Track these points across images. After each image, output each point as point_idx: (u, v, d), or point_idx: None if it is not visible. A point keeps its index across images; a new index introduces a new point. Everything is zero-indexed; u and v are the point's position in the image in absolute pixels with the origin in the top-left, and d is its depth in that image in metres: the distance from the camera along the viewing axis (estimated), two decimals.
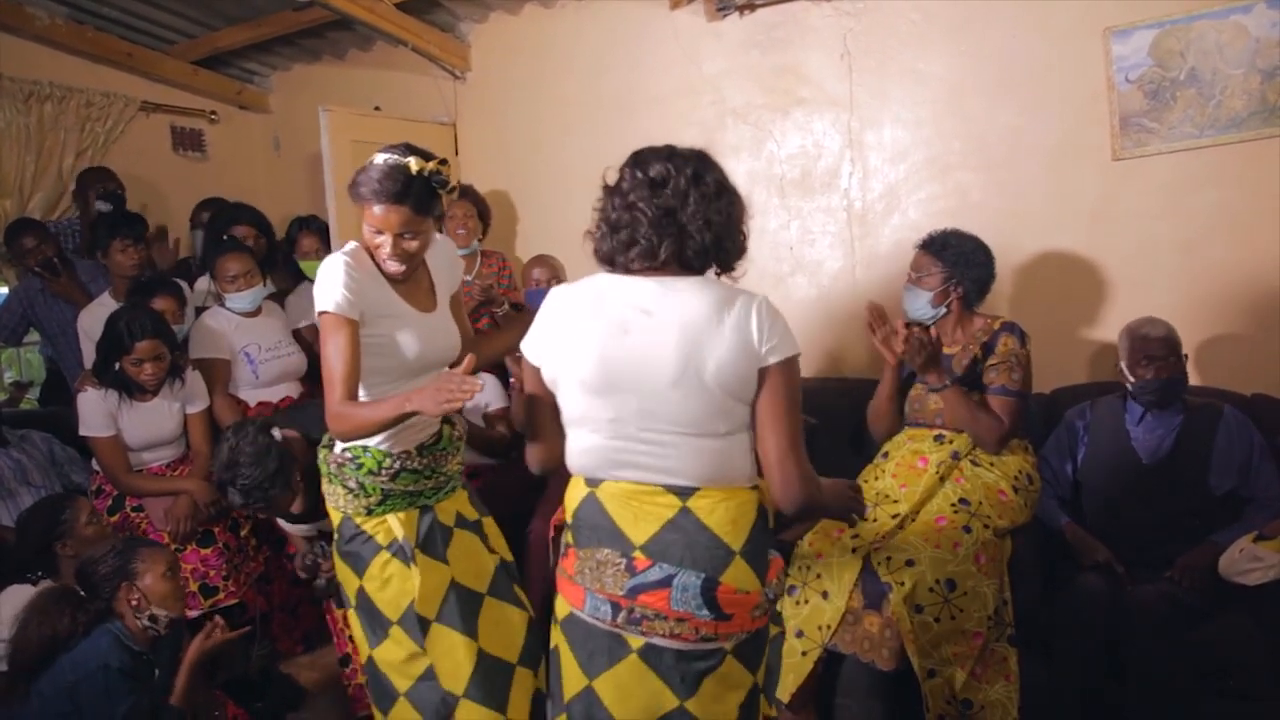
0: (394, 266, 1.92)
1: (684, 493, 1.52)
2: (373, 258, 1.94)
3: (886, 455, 2.66)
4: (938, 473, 2.52)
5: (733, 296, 1.52)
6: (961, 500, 2.45)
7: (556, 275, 3.26)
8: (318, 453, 2.06)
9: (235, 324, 3.31)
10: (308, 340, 3.60)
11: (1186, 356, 2.56)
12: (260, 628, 3.25)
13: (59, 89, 4.00)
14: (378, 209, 1.85)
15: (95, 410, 2.93)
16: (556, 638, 1.66)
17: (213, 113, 4.78)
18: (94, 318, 3.11)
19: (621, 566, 1.51)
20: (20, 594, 2.46)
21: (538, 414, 1.68)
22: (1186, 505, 2.51)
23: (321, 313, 1.82)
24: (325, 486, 2.01)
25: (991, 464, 2.53)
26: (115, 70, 4.29)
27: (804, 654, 2.33)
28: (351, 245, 1.94)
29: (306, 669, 3.26)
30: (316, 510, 2.42)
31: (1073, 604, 2.40)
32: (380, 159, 1.87)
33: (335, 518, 2.02)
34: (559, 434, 1.65)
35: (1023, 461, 2.58)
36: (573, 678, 1.59)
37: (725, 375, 1.48)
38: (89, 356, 3.12)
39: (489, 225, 3.92)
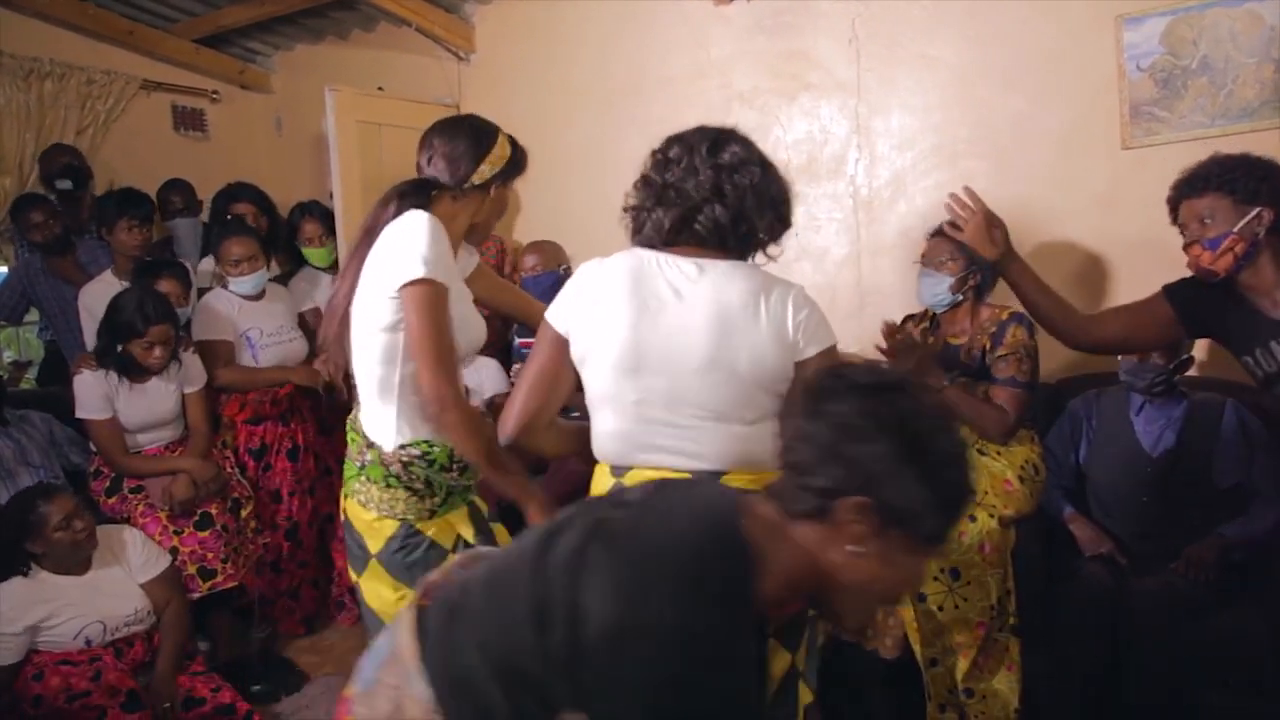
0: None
1: (713, 476, 1.48)
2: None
3: None
4: None
5: (770, 285, 1.51)
6: None
7: (548, 262, 3.24)
8: (363, 453, 1.76)
9: (238, 307, 3.30)
10: (311, 326, 3.58)
11: (1191, 352, 2.54)
12: (260, 611, 3.26)
13: (59, 66, 3.97)
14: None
15: (92, 393, 2.91)
16: None
17: (214, 92, 4.75)
18: (95, 295, 3.09)
19: None
20: (12, 589, 2.44)
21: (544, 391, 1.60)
22: (1190, 498, 2.49)
23: (424, 280, 1.62)
24: (377, 494, 1.74)
25: (998, 453, 2.51)
26: (116, 48, 4.25)
27: None
28: (420, 211, 1.73)
29: (307, 652, 3.26)
30: None
31: (1076, 595, 2.39)
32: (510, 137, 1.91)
33: (385, 531, 1.75)
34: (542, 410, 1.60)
35: (1029, 451, 2.57)
36: None
37: (760, 367, 1.48)
38: (90, 333, 3.10)
39: None
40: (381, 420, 1.73)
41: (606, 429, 1.56)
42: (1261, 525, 2.40)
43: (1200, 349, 2.86)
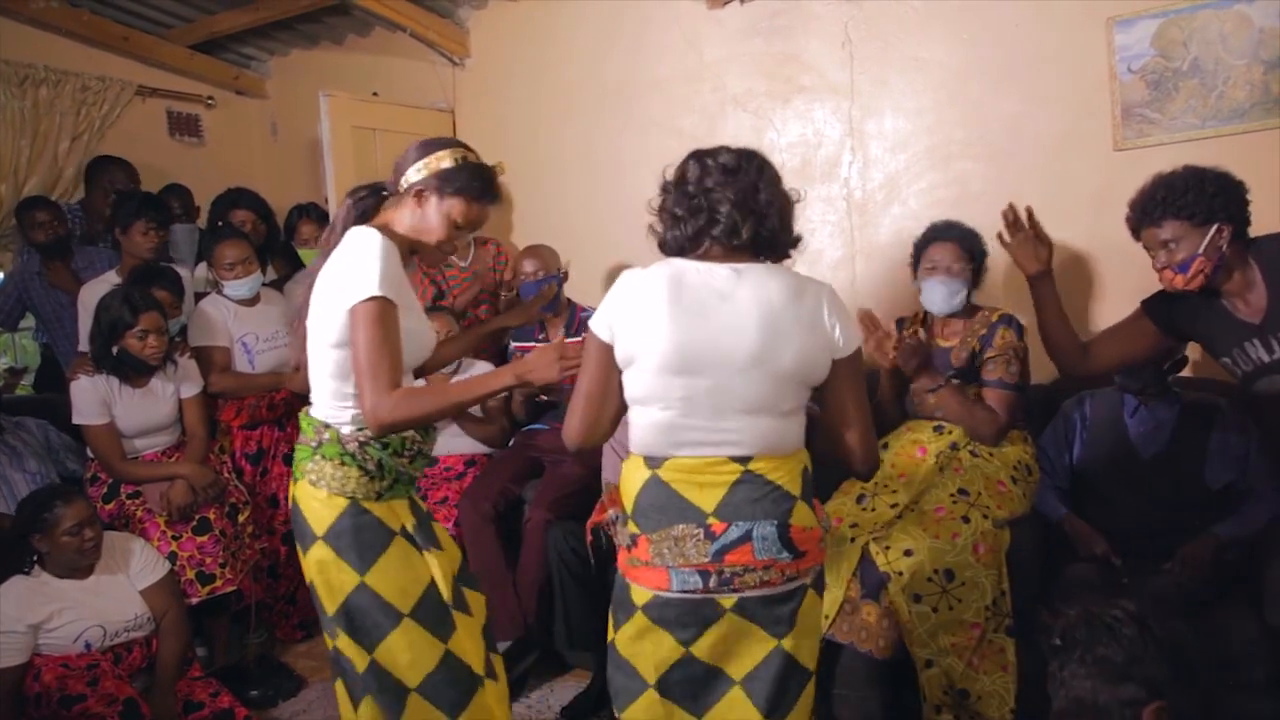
0: (449, 252, 1.97)
1: (744, 460, 1.61)
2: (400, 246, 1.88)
3: (886, 446, 2.66)
4: (936, 462, 2.52)
5: (804, 285, 1.63)
6: (961, 490, 2.45)
7: (547, 267, 3.25)
8: (320, 433, 1.83)
9: (233, 312, 3.30)
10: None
11: (1185, 352, 2.55)
12: (257, 615, 3.26)
13: (54, 72, 3.97)
14: (489, 207, 1.97)
15: (89, 398, 2.91)
16: (633, 628, 1.67)
17: (209, 98, 4.75)
18: (96, 295, 3.09)
19: (700, 536, 1.59)
20: (16, 587, 2.46)
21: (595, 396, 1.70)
22: (1184, 498, 2.50)
23: (370, 298, 1.69)
24: (330, 471, 1.80)
25: (991, 454, 2.53)
26: (111, 54, 4.26)
27: None
28: (372, 230, 1.79)
29: (304, 657, 3.26)
30: None
31: (1071, 595, 2.39)
32: (475, 159, 1.98)
33: (335, 508, 1.80)
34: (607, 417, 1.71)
35: (1022, 452, 2.58)
36: (663, 653, 1.64)
37: (802, 363, 1.60)
38: (88, 333, 3.09)
39: None
40: (338, 413, 1.83)
41: (649, 421, 1.64)
42: (1255, 524, 2.40)
43: (1194, 349, 2.87)
